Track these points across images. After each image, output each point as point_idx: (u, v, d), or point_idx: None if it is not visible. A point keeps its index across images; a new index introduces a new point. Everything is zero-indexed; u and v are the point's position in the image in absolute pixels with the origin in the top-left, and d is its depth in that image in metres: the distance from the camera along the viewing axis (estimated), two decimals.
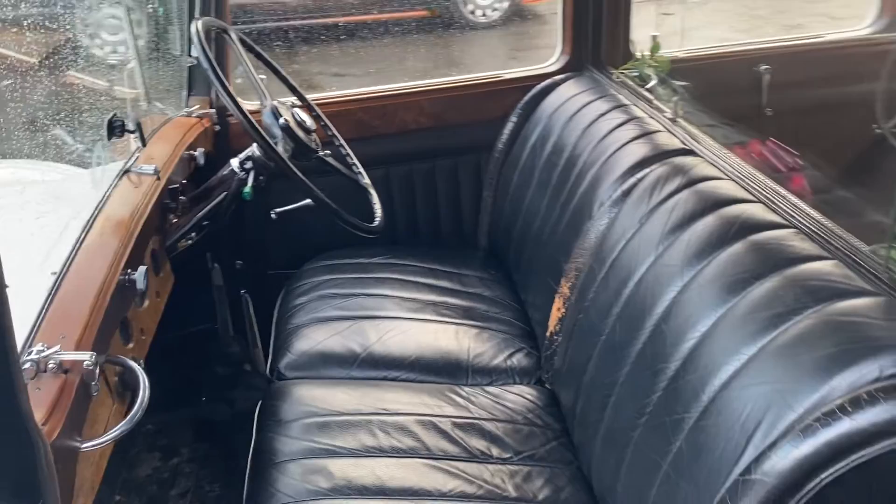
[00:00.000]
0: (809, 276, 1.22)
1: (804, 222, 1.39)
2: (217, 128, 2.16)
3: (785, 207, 1.45)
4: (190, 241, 1.93)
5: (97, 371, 1.05)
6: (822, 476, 0.96)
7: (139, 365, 1.19)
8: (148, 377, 1.18)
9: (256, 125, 1.71)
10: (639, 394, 1.36)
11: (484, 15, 8.46)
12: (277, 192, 2.14)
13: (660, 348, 1.36)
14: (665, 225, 1.52)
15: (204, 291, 2.28)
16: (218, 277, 2.32)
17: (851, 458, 0.95)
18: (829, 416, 0.97)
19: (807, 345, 1.10)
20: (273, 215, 2.19)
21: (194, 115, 2.10)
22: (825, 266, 1.23)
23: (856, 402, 0.96)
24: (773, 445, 1.01)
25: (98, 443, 1.09)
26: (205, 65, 1.66)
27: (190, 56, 2.15)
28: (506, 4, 8.44)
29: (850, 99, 2.44)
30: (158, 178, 1.61)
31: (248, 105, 2.31)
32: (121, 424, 1.12)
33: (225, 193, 1.90)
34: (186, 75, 2.18)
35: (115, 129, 1.46)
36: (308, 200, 2.15)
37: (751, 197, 1.50)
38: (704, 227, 1.45)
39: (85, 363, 1.03)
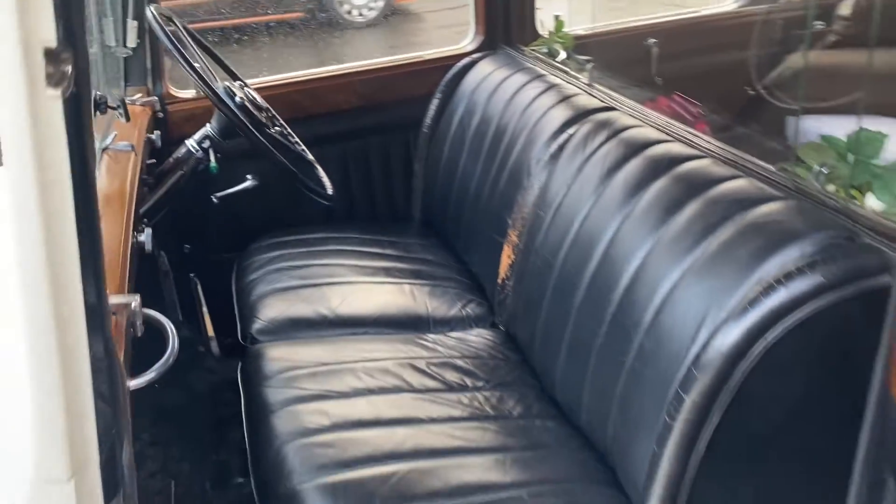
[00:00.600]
0: (729, 192, 1.48)
1: (717, 153, 1.66)
2: (160, 115, 2.22)
3: (699, 143, 1.71)
4: (143, 226, 1.99)
5: (140, 312, 1.15)
6: (767, 339, 1.20)
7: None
8: None
9: (227, 101, 1.80)
10: (596, 309, 1.58)
11: (360, 14, 8.60)
12: (217, 177, 2.24)
13: (610, 270, 1.58)
14: (600, 170, 1.75)
15: (148, 277, 2.32)
16: (164, 263, 2.37)
17: (789, 321, 1.19)
18: (769, 289, 1.22)
19: (738, 243, 1.35)
20: (215, 199, 2.28)
21: (137, 103, 2.15)
22: (741, 183, 1.49)
23: (788, 276, 1.21)
24: (724, 321, 1.25)
25: (142, 381, 1.18)
26: (169, 46, 1.74)
27: (125, 47, 2.20)
28: (381, 3, 8.62)
29: (726, 66, 2.78)
30: (136, 154, 1.69)
31: (188, 93, 2.39)
32: (157, 365, 1.22)
33: (181, 173, 1.98)
34: (122, 66, 2.23)
35: (100, 105, 1.53)
36: (248, 183, 2.26)
37: (669, 138, 1.76)
38: (635, 167, 1.69)
39: (133, 305, 1.13)
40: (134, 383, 1.17)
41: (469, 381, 1.77)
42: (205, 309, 2.42)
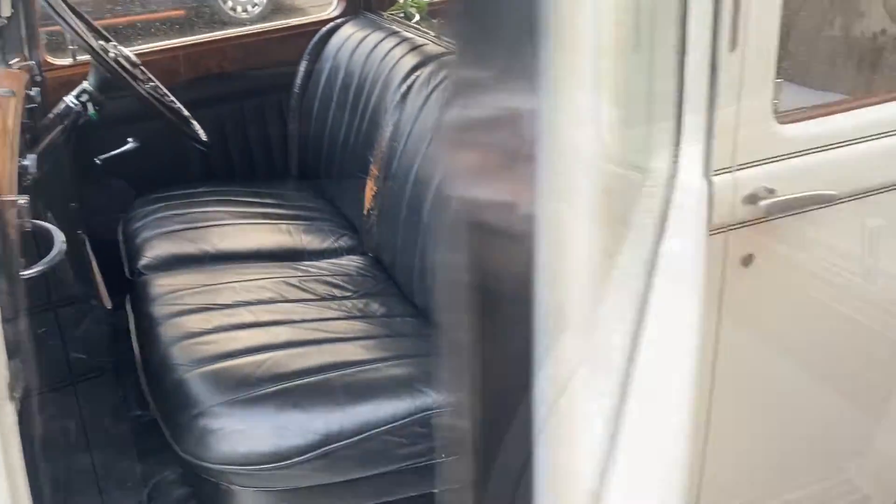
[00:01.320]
0: None
1: None
2: (38, 79, 2.35)
3: None
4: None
5: (27, 209, 1.33)
6: None
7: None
8: None
9: (104, 56, 1.97)
10: (440, 214, 1.84)
11: (245, 11, 8.63)
12: (99, 141, 2.40)
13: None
14: (441, 101, 2.03)
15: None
16: (51, 219, 2.49)
17: None
18: None
19: None
20: (98, 162, 2.44)
21: (15, 67, 2.27)
22: None
23: None
24: None
25: (33, 271, 1.36)
26: (44, 3, 1.89)
27: (1, 17, 2.32)
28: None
29: None
30: (17, 99, 1.83)
31: (64, 61, 2.53)
32: (46, 259, 1.40)
33: (62, 126, 2.13)
34: None
35: None
36: (130, 145, 2.43)
37: None
38: None
39: (20, 202, 1.31)
40: (27, 273, 1.35)
41: (338, 293, 2.01)
42: (94, 264, 2.55)
